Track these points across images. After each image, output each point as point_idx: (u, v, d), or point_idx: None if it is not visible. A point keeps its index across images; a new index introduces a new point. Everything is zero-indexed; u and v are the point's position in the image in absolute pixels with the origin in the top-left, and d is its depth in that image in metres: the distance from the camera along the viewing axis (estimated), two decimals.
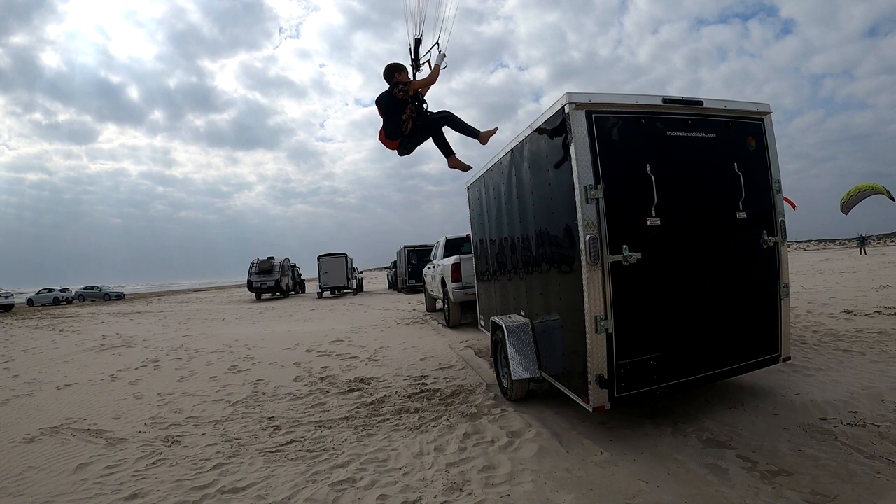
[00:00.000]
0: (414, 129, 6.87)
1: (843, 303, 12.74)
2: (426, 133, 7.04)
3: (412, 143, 7.08)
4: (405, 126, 6.79)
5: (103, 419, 6.83)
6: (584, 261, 4.67)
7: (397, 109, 6.76)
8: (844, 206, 40.56)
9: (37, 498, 4.57)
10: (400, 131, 6.82)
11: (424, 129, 6.96)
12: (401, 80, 6.76)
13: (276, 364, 10.20)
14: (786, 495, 3.80)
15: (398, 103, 6.74)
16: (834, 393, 5.78)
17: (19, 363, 11.85)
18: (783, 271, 5.63)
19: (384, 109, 6.87)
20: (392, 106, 6.78)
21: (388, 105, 6.81)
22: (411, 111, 6.79)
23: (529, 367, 6.07)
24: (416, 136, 6.98)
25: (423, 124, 6.92)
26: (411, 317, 17.97)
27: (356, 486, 4.49)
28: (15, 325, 23.38)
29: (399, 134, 6.86)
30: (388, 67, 6.87)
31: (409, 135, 6.89)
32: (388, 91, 6.80)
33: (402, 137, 6.90)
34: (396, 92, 6.68)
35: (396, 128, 6.82)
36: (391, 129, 6.87)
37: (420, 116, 6.91)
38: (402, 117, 6.76)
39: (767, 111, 5.64)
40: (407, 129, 6.82)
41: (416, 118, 6.86)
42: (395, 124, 6.80)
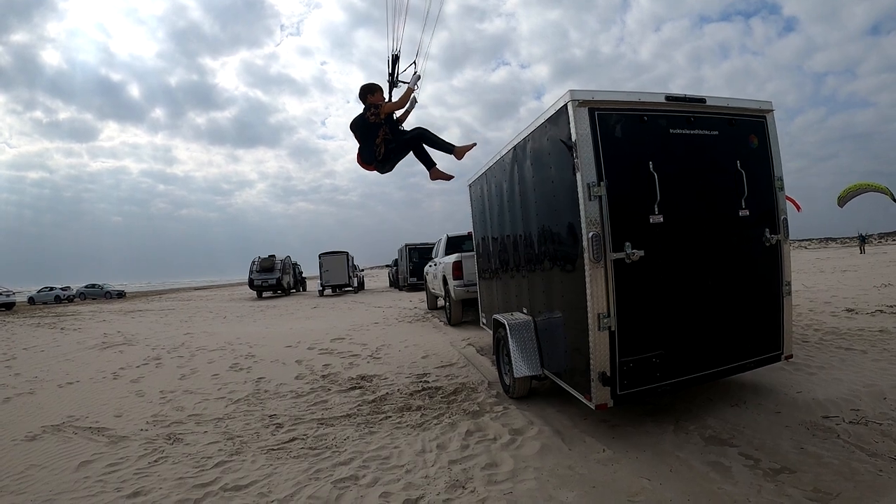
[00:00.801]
0: (387, 152, 6.74)
1: (844, 301, 12.74)
2: (400, 154, 6.90)
3: (387, 165, 6.97)
4: (378, 151, 6.69)
5: (105, 417, 6.84)
6: (587, 258, 4.67)
7: (370, 133, 6.68)
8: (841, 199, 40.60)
9: (39, 496, 4.58)
10: (373, 156, 6.74)
11: (398, 150, 6.83)
12: (373, 103, 6.68)
13: (277, 362, 10.21)
14: (788, 493, 3.80)
15: (371, 127, 6.66)
16: (836, 391, 5.77)
17: (21, 361, 11.88)
18: (785, 269, 5.63)
19: (358, 134, 6.81)
20: (365, 129, 6.71)
21: (361, 129, 6.76)
22: (384, 134, 6.68)
23: (532, 364, 6.07)
24: (391, 159, 6.86)
25: (396, 146, 6.78)
26: (413, 315, 17.98)
27: (359, 483, 4.49)
28: (16, 323, 23.42)
29: (373, 158, 6.77)
30: (362, 89, 6.80)
31: (383, 159, 6.78)
32: (361, 114, 6.73)
33: (375, 162, 6.81)
34: (369, 115, 6.62)
35: (370, 153, 6.74)
36: (365, 153, 6.80)
37: (394, 138, 6.79)
38: (375, 141, 6.67)
39: (770, 109, 5.63)
40: (380, 153, 6.71)
41: (390, 141, 6.73)
42: (369, 149, 6.73)
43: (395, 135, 6.81)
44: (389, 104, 6.78)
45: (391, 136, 6.73)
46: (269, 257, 38.98)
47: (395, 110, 6.83)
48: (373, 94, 6.72)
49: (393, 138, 6.75)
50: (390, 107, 6.73)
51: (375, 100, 6.70)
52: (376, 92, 6.77)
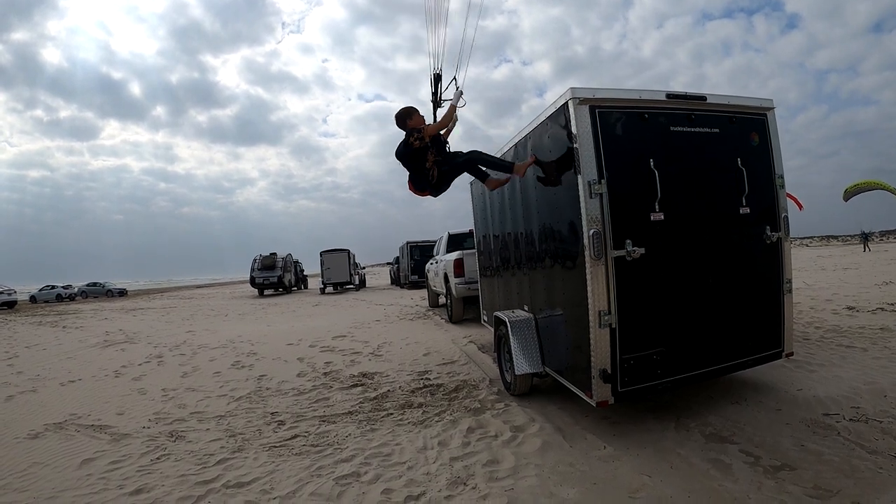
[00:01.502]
0: (440, 175, 6.24)
1: (845, 299, 12.73)
2: (454, 176, 6.44)
3: (442, 189, 6.50)
4: (431, 174, 6.23)
5: (107, 415, 6.86)
6: (588, 256, 4.67)
7: (419, 159, 6.24)
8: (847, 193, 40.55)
9: (42, 493, 4.60)
10: (427, 182, 6.31)
11: (452, 173, 6.36)
12: (415, 127, 6.25)
13: (279, 359, 10.22)
14: (788, 490, 3.81)
15: (417, 152, 6.21)
16: (836, 388, 5.78)
17: (23, 359, 11.92)
18: (786, 267, 5.63)
19: (405, 162, 6.40)
20: (411, 156, 6.29)
21: (407, 157, 6.35)
22: (433, 157, 6.20)
23: (533, 361, 6.07)
24: (445, 181, 6.38)
25: (449, 169, 6.30)
26: (414, 312, 17.98)
27: (360, 480, 4.51)
28: (18, 321, 23.46)
29: (427, 185, 6.35)
30: (399, 115, 6.42)
31: (437, 183, 6.31)
32: (405, 141, 6.31)
33: (430, 188, 6.39)
34: (412, 141, 6.17)
35: (423, 179, 6.31)
36: (417, 181, 6.40)
37: (445, 160, 6.32)
38: (425, 166, 6.22)
39: (771, 106, 5.64)
40: (433, 177, 6.23)
41: (441, 163, 6.25)
42: (421, 175, 6.30)
43: (445, 156, 6.39)
44: (432, 126, 6.35)
45: (441, 158, 6.30)
46: (271, 255, 38.98)
47: (440, 130, 6.41)
48: (411, 118, 6.34)
49: (444, 160, 6.32)
50: (434, 128, 6.30)
51: (416, 123, 6.30)
52: (414, 115, 6.38)
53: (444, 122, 6.46)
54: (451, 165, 6.29)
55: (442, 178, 6.26)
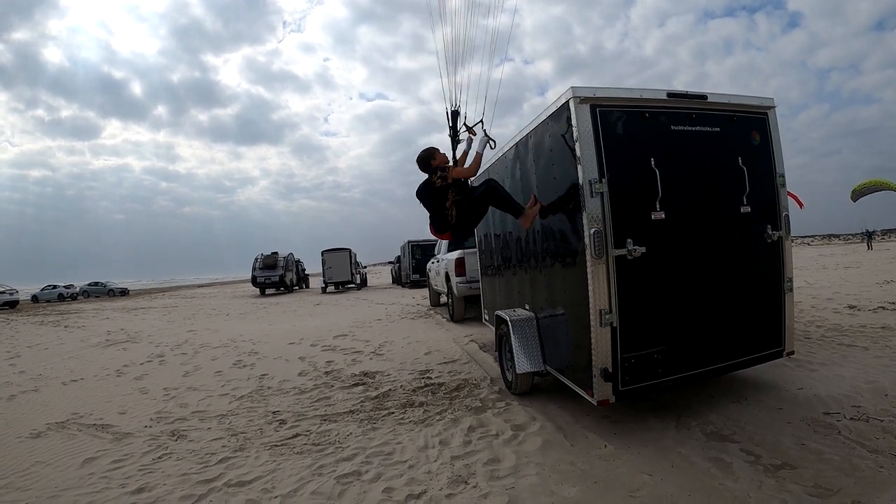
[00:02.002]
0: (459, 214, 6.10)
1: (846, 298, 12.71)
2: (476, 215, 6.32)
3: (464, 230, 6.46)
4: (450, 214, 6.10)
5: (109, 414, 6.88)
6: (589, 255, 4.67)
7: (439, 198, 6.13)
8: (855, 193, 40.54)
9: (44, 492, 4.62)
10: (447, 222, 6.17)
11: (472, 212, 6.21)
12: (439, 166, 6.17)
13: (280, 359, 10.23)
14: (789, 489, 3.81)
15: (438, 191, 6.12)
16: (837, 387, 5.79)
17: (25, 359, 11.94)
18: (787, 266, 5.63)
19: (425, 201, 6.32)
20: (432, 195, 6.18)
21: (428, 196, 6.24)
22: (453, 195, 6.09)
23: (534, 360, 6.07)
24: (467, 221, 6.26)
25: (469, 207, 6.13)
26: (415, 311, 17.98)
27: (362, 478, 4.52)
28: (20, 321, 23.50)
29: (447, 225, 6.20)
30: (422, 157, 6.28)
31: (458, 223, 6.17)
32: (427, 180, 6.23)
33: (451, 228, 6.23)
34: (436, 180, 6.10)
35: (443, 220, 6.18)
36: (438, 221, 6.26)
37: (464, 198, 6.16)
38: (445, 205, 6.11)
39: (772, 105, 5.63)
40: (452, 217, 6.11)
41: (461, 202, 6.11)
42: (441, 215, 6.17)
43: (464, 193, 6.23)
44: (458, 170, 6.21)
45: (461, 197, 6.16)
46: (272, 254, 39.00)
47: (466, 177, 6.23)
48: (434, 158, 6.22)
49: (463, 198, 6.17)
50: (459, 172, 6.15)
51: (439, 162, 6.21)
52: (437, 155, 6.25)
53: (472, 168, 6.28)
54: (469, 202, 6.14)
55: (462, 217, 6.13)
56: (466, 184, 6.30)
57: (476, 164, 6.30)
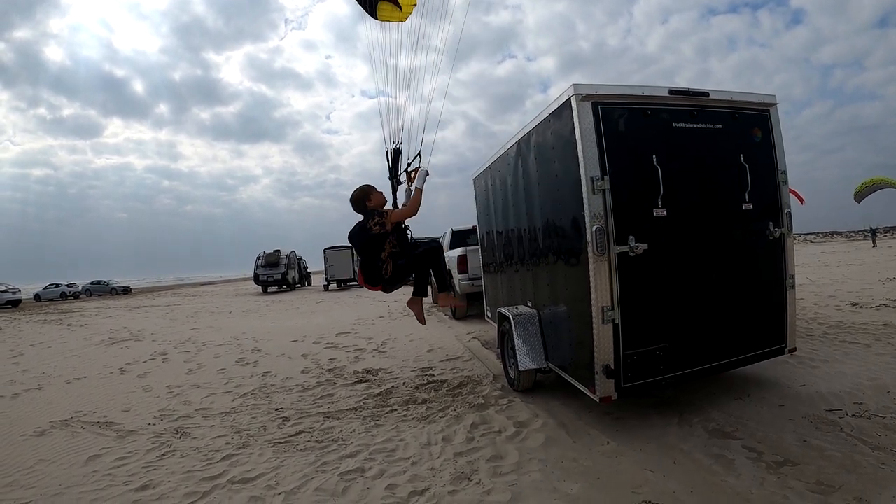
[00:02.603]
0: (396, 269, 5.67)
1: (849, 295, 12.70)
2: (409, 274, 5.87)
3: (397, 285, 5.93)
4: (385, 268, 5.62)
5: (113, 412, 6.90)
6: (591, 252, 4.68)
7: (375, 246, 5.60)
8: (858, 195, 40.52)
9: (48, 490, 4.65)
10: (380, 275, 5.67)
11: (408, 269, 5.78)
12: (376, 208, 5.63)
13: (283, 356, 10.26)
14: (790, 485, 3.82)
15: (375, 239, 5.57)
16: (839, 384, 5.79)
17: (28, 358, 11.98)
18: (789, 262, 5.63)
19: (359, 248, 5.76)
20: (368, 243, 5.62)
21: (362, 243, 5.66)
22: (391, 246, 5.62)
23: (536, 357, 6.08)
24: (400, 277, 5.80)
25: (407, 263, 5.71)
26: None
27: (365, 475, 4.54)
28: (23, 320, 23.54)
29: (379, 279, 5.71)
30: (355, 197, 5.76)
31: (391, 278, 5.71)
32: (362, 223, 5.64)
33: (382, 282, 5.77)
34: (372, 225, 5.52)
35: (375, 271, 5.67)
36: (369, 272, 5.73)
37: (402, 251, 5.74)
38: (381, 256, 5.60)
39: (773, 102, 5.63)
40: (388, 271, 5.64)
41: (398, 255, 5.67)
42: (374, 266, 5.66)
43: (404, 246, 5.82)
44: (399, 211, 5.67)
45: (399, 249, 5.73)
46: (274, 252, 39.00)
47: (407, 217, 5.74)
48: (369, 198, 5.72)
49: (402, 251, 5.74)
50: (399, 214, 5.62)
51: (376, 203, 5.70)
52: (373, 195, 5.74)
53: (412, 208, 5.72)
54: (408, 258, 5.73)
55: (397, 272, 5.69)
56: (406, 235, 5.91)
57: (416, 200, 5.75)
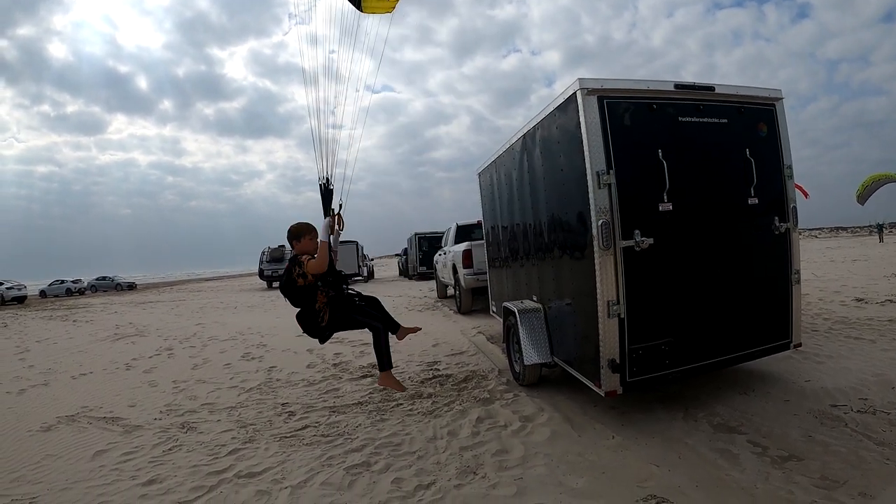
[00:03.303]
0: (333, 319, 5.22)
1: (854, 291, 12.68)
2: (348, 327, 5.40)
3: (332, 333, 5.44)
4: (321, 317, 5.19)
5: (119, 407, 6.92)
6: (597, 246, 4.69)
7: (306, 296, 5.20)
8: (860, 197, 40.47)
9: (55, 485, 4.66)
10: (316, 324, 5.25)
11: (345, 322, 5.33)
12: (300, 254, 5.18)
13: (289, 351, 10.27)
14: (795, 480, 3.82)
15: (303, 290, 5.15)
16: (844, 380, 5.79)
17: (34, 354, 12.02)
18: (794, 257, 5.63)
19: (291, 300, 5.32)
20: (297, 294, 5.23)
21: (293, 294, 5.26)
22: (324, 297, 5.18)
23: (542, 352, 6.09)
24: (338, 327, 5.36)
25: (343, 316, 5.29)
26: (422, 303, 18.02)
27: (371, 469, 4.55)
28: (28, 316, 23.65)
29: (316, 329, 5.30)
30: (289, 232, 5.34)
31: (328, 326, 5.27)
32: (289, 269, 5.19)
33: (319, 333, 5.37)
34: (296, 277, 5.08)
35: (312, 320, 5.25)
36: (305, 322, 5.32)
37: (338, 296, 5.32)
38: (315, 307, 5.19)
39: (779, 97, 5.62)
40: (323, 319, 5.19)
41: (336, 303, 5.26)
42: (310, 315, 5.24)
43: (338, 288, 5.38)
44: (313, 264, 4.97)
45: (335, 295, 5.29)
46: (279, 248, 39.00)
47: (317, 272, 5.02)
48: (299, 239, 5.26)
49: (338, 297, 5.31)
50: (315, 267, 4.96)
51: (303, 248, 5.23)
52: (303, 237, 5.25)
53: (320, 262, 4.96)
54: (344, 307, 5.32)
55: (335, 322, 5.27)
56: (340, 280, 5.46)
57: (321, 255, 4.98)
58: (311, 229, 5.26)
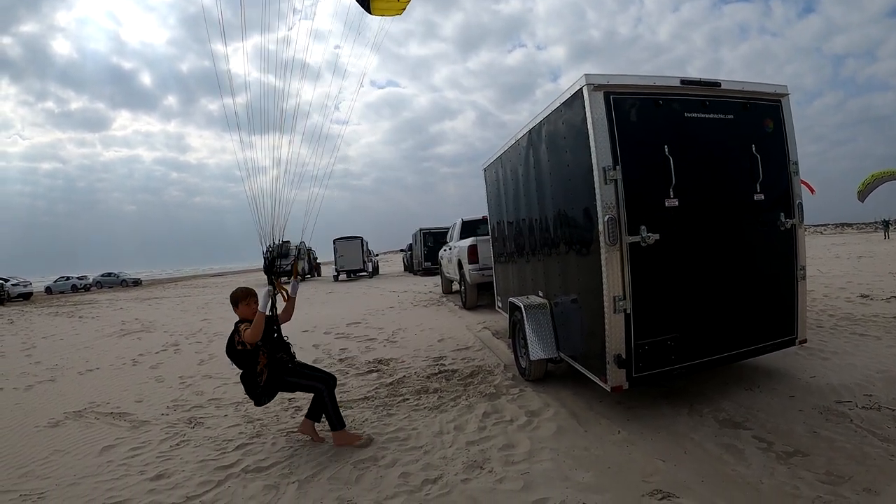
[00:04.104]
0: (271, 381, 5.09)
1: (859, 287, 12.63)
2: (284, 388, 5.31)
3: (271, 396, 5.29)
4: (260, 379, 5.05)
5: (126, 403, 6.97)
6: (603, 242, 4.70)
7: (248, 360, 5.09)
8: (860, 194, 40.42)
9: (63, 480, 4.70)
10: (255, 385, 5.10)
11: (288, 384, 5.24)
12: (240, 321, 5.08)
13: (295, 346, 10.27)
14: (800, 476, 3.83)
15: (244, 354, 5.05)
16: (849, 376, 5.79)
17: (41, 350, 12.08)
18: (800, 253, 5.63)
19: (235, 361, 5.17)
20: (240, 357, 5.10)
21: (235, 358, 5.14)
22: (265, 359, 5.07)
23: (547, 347, 6.11)
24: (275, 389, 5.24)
25: (284, 384, 5.21)
26: (428, 299, 18.03)
27: (378, 464, 4.58)
28: (34, 312, 23.69)
29: (255, 390, 5.12)
30: (231, 297, 5.28)
31: (264, 389, 5.12)
32: (231, 335, 5.12)
33: (257, 394, 5.16)
34: (236, 344, 5.02)
35: (252, 382, 5.12)
36: (247, 383, 5.16)
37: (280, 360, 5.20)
38: (256, 369, 5.06)
39: (785, 93, 5.61)
40: (262, 381, 5.06)
41: (279, 367, 5.15)
42: (251, 377, 5.12)
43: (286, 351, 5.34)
44: (249, 333, 4.84)
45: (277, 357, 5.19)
46: (284, 243, 39.01)
47: (251, 342, 4.90)
48: (237, 305, 5.17)
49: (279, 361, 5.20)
50: (251, 336, 4.83)
51: (242, 314, 5.12)
52: (240, 302, 5.16)
53: (255, 332, 4.84)
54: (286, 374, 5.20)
55: (272, 383, 5.12)
56: (283, 346, 5.35)
57: (256, 326, 4.85)
58: (247, 295, 5.18)
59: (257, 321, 4.84)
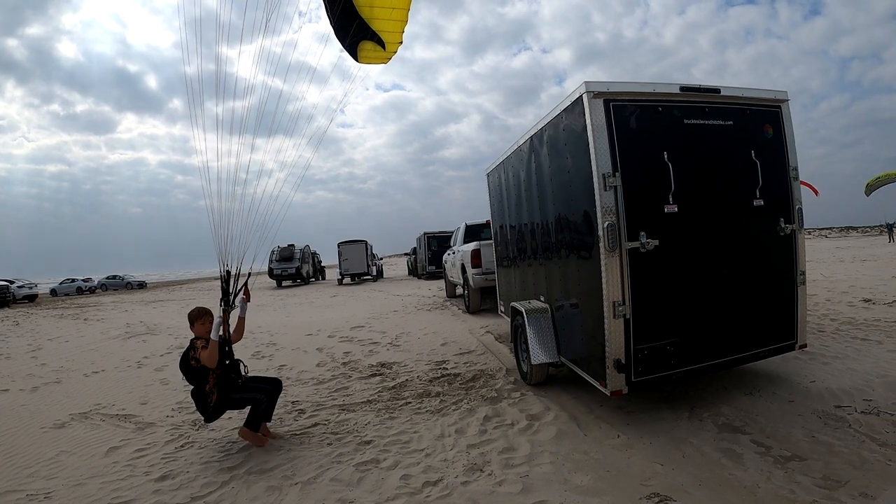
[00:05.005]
0: (221, 400, 5.25)
1: (862, 291, 12.62)
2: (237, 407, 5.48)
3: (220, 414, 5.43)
4: (210, 399, 5.20)
5: (131, 404, 7.02)
6: (603, 247, 4.74)
7: (199, 377, 5.21)
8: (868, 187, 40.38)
9: (69, 481, 4.76)
10: (206, 404, 5.24)
11: (235, 402, 5.38)
12: (196, 338, 5.23)
13: (298, 350, 10.35)
14: (798, 480, 3.86)
15: (196, 371, 5.18)
16: (849, 381, 5.81)
17: (46, 352, 12.11)
18: (800, 259, 5.65)
19: (187, 377, 5.31)
20: (191, 373, 5.23)
21: (188, 374, 5.27)
22: (215, 379, 5.20)
23: (549, 351, 6.14)
24: (227, 407, 5.39)
25: (232, 401, 5.34)
26: (431, 303, 18.04)
27: (380, 466, 4.62)
28: (40, 314, 23.72)
29: (206, 408, 5.26)
30: (188, 316, 5.37)
31: (215, 408, 5.27)
32: (186, 352, 5.27)
33: (208, 413, 5.30)
34: (190, 360, 5.16)
35: (202, 401, 5.25)
36: (198, 400, 5.28)
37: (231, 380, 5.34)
38: (205, 388, 5.20)
39: (785, 99, 5.64)
40: (212, 401, 5.21)
41: (227, 385, 5.27)
42: (201, 396, 5.24)
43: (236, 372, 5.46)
44: (205, 355, 5.06)
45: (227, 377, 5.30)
46: (288, 247, 39.02)
47: (211, 365, 5.10)
48: (192, 323, 5.29)
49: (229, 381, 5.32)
50: (206, 358, 5.05)
51: (198, 332, 5.24)
52: (195, 322, 5.28)
53: (211, 358, 5.07)
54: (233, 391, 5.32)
55: (222, 401, 5.27)
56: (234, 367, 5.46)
57: (211, 352, 5.07)
58: (202, 315, 5.31)
59: (212, 348, 5.06)
